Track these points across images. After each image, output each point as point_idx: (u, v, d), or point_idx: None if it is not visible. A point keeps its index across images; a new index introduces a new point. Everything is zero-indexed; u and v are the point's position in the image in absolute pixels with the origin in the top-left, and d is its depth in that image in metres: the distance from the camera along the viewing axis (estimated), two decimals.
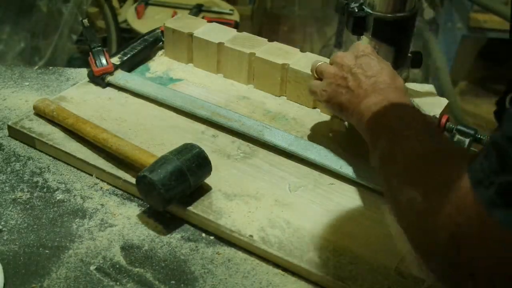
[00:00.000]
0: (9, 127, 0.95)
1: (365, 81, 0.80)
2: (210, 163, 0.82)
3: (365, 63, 0.82)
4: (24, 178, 0.87)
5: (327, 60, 0.90)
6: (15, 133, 0.95)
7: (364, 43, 0.89)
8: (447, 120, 0.91)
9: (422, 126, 0.70)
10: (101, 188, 0.86)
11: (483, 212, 0.49)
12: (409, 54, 0.94)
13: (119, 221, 0.81)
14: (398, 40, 0.91)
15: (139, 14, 2.57)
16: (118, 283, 0.72)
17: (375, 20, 0.89)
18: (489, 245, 0.51)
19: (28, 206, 0.83)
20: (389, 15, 0.88)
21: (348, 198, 0.83)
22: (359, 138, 0.79)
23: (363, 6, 0.89)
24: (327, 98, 0.85)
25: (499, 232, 0.49)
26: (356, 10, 0.89)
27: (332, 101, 0.84)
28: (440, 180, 0.57)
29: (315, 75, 0.90)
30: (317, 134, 0.96)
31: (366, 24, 0.89)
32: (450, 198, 0.54)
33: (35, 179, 0.87)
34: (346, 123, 0.95)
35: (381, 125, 0.74)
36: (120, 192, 0.86)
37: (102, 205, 0.83)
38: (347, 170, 0.86)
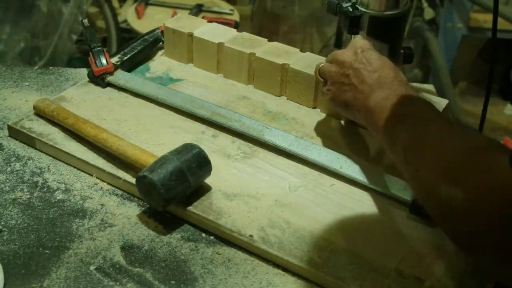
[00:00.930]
0: (9, 127, 0.95)
1: (368, 76, 0.79)
2: (210, 163, 0.82)
3: (366, 59, 0.81)
4: (24, 178, 0.87)
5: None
6: (15, 133, 0.95)
7: (360, 39, 0.89)
8: None
9: (441, 118, 0.70)
10: (101, 188, 0.86)
11: None
12: (401, 50, 0.95)
13: (119, 221, 0.81)
14: (391, 37, 0.92)
15: (139, 14, 2.57)
16: (118, 283, 0.72)
17: (370, 19, 0.90)
18: None
19: (28, 206, 0.83)
20: (384, 13, 0.89)
21: (348, 198, 0.83)
22: (356, 136, 0.79)
23: (357, 6, 0.90)
24: (331, 96, 0.85)
25: None
26: (351, 10, 0.90)
27: (337, 99, 0.84)
28: (481, 178, 0.56)
29: (320, 78, 0.90)
30: (317, 134, 0.95)
31: (361, 23, 0.90)
32: (494, 195, 0.53)
33: (35, 179, 0.87)
34: (342, 121, 0.95)
35: (397, 118, 0.72)
36: (120, 192, 0.86)
37: (102, 205, 0.83)
38: (347, 170, 0.86)
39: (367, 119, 0.78)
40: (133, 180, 0.82)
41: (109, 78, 1.05)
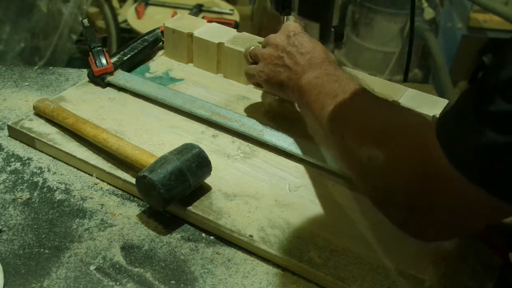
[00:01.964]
0: (9, 127, 0.95)
1: (301, 58, 0.84)
2: (210, 163, 0.82)
3: (298, 42, 0.86)
4: (24, 178, 0.87)
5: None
6: (15, 133, 0.95)
7: (291, 23, 0.94)
8: None
9: (367, 92, 0.74)
10: (101, 188, 0.86)
11: (448, 166, 0.51)
12: (332, 29, 1.00)
13: (119, 221, 0.81)
14: (322, 16, 0.96)
15: (139, 14, 2.57)
16: (118, 283, 0.72)
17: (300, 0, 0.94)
18: (451, 197, 0.54)
19: (28, 206, 0.83)
20: None
21: (348, 198, 0.83)
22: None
23: None
24: (266, 78, 0.89)
25: (461, 185, 0.51)
26: None
27: (272, 80, 0.88)
28: (403, 139, 0.60)
29: (250, 59, 0.94)
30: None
31: (292, 3, 0.95)
32: (413, 155, 0.57)
33: (35, 179, 0.87)
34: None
35: (326, 93, 0.77)
36: (120, 192, 0.86)
37: (102, 205, 0.83)
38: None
39: (300, 98, 0.83)
40: (133, 180, 0.82)
41: (109, 78, 1.05)
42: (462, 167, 0.51)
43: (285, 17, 0.98)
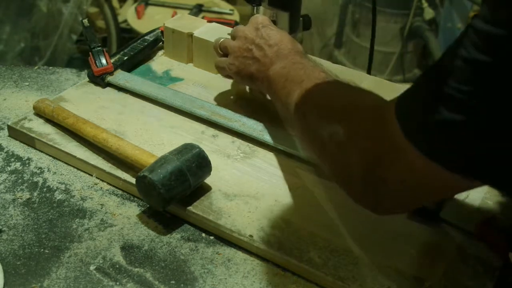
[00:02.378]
0: (9, 127, 0.95)
1: (269, 50, 0.86)
2: (210, 163, 0.82)
3: (266, 34, 0.88)
4: (24, 178, 0.87)
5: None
6: (15, 133, 0.95)
7: (261, 14, 0.97)
8: None
9: (331, 78, 0.77)
10: (101, 188, 0.86)
11: (403, 140, 0.53)
12: (300, 18, 1.03)
13: (119, 221, 0.81)
14: (291, 6, 1.00)
15: (139, 14, 2.57)
16: (118, 283, 0.72)
17: None
18: (405, 170, 0.56)
19: (28, 206, 0.83)
20: None
21: (348, 198, 0.83)
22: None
23: None
24: (236, 70, 0.91)
25: (414, 158, 0.53)
26: None
27: (242, 73, 0.90)
28: (364, 116, 0.62)
29: (220, 51, 0.95)
30: None
31: None
32: (371, 128, 0.59)
33: (35, 179, 0.87)
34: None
35: (292, 80, 0.79)
36: (120, 192, 0.86)
37: (102, 205, 0.83)
38: None
39: (269, 88, 0.85)
40: (133, 180, 0.82)
41: (109, 78, 1.05)
42: (416, 141, 0.52)
43: (255, 8, 1.02)
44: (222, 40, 0.95)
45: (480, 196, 0.84)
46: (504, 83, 0.44)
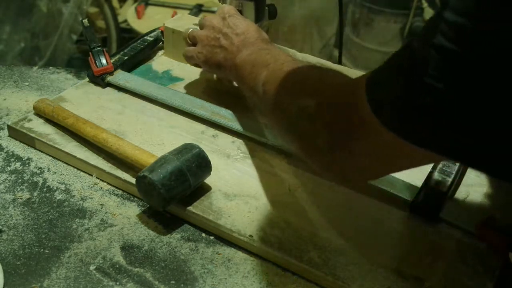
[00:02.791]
0: (9, 127, 0.95)
1: (235, 38, 0.89)
2: (210, 163, 0.82)
3: (232, 23, 0.91)
4: (24, 178, 0.87)
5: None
6: (15, 133, 0.95)
7: (228, 4, 1.00)
8: None
9: (298, 60, 0.78)
10: (101, 188, 0.86)
11: (371, 114, 0.55)
12: (266, 7, 1.06)
13: (119, 221, 0.81)
14: None
15: (139, 14, 2.57)
16: (118, 283, 0.72)
17: None
18: (371, 143, 0.58)
19: (28, 206, 0.83)
20: None
21: (348, 198, 0.83)
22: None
23: None
24: (204, 59, 0.93)
25: (380, 131, 0.54)
26: None
27: (210, 61, 0.92)
28: (334, 87, 0.65)
29: (189, 41, 0.98)
30: None
31: None
32: (341, 101, 0.61)
33: (35, 179, 0.87)
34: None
35: (258, 65, 0.81)
36: (120, 192, 0.86)
37: (102, 205, 0.83)
38: None
39: (236, 76, 0.87)
40: (133, 180, 0.82)
41: (109, 78, 1.05)
42: (384, 118, 0.54)
43: None
44: (190, 29, 0.98)
45: (480, 196, 0.84)
46: (469, 72, 0.46)
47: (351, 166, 0.63)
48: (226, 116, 0.96)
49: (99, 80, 1.05)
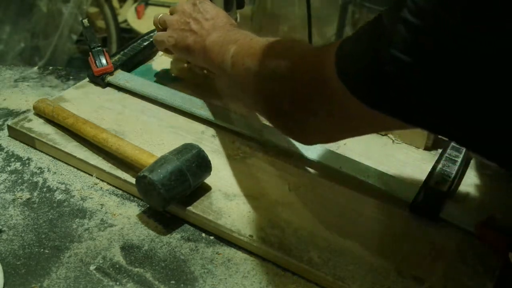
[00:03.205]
0: (9, 127, 0.95)
1: (205, 23, 0.91)
2: (210, 163, 0.82)
3: (203, 9, 0.94)
4: (24, 178, 0.87)
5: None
6: (15, 133, 0.95)
7: None
8: None
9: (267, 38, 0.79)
10: (101, 188, 0.86)
11: (336, 79, 0.57)
12: None
13: (119, 221, 0.81)
14: None
15: (139, 14, 2.57)
16: (118, 283, 0.72)
17: None
18: (334, 105, 0.61)
19: (28, 206, 0.83)
20: None
21: (348, 198, 0.83)
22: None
23: None
24: (174, 42, 0.95)
25: (344, 95, 0.56)
26: None
27: (179, 44, 0.94)
28: (301, 55, 0.68)
29: (159, 26, 1.00)
30: None
31: None
32: (310, 64, 0.64)
33: (35, 179, 0.87)
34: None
35: (227, 42, 0.82)
36: (120, 192, 0.86)
37: (102, 205, 0.83)
38: (347, 169, 0.86)
39: (206, 58, 0.88)
40: (133, 180, 0.82)
41: (109, 78, 1.05)
42: (350, 85, 0.56)
43: None
44: (161, 15, 1.00)
45: (480, 196, 0.84)
46: (432, 46, 0.48)
47: (313, 127, 0.67)
48: (226, 116, 0.96)
49: (99, 80, 1.05)
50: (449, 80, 0.48)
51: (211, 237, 0.79)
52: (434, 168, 0.86)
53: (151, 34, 1.16)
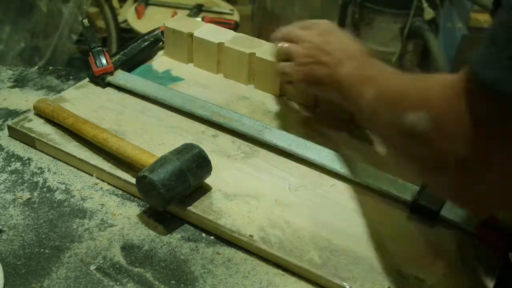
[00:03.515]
0: (9, 127, 0.95)
1: (336, 53, 0.84)
2: (210, 163, 0.82)
3: (332, 37, 0.87)
4: (24, 178, 0.87)
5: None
6: (15, 133, 0.95)
7: (325, 20, 0.93)
8: None
9: (400, 71, 0.73)
10: (101, 188, 0.86)
11: (496, 96, 0.49)
12: None
13: (119, 221, 0.81)
14: None
15: (139, 14, 2.57)
16: (118, 283, 0.72)
17: None
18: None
19: (28, 206, 0.83)
20: None
21: (348, 198, 0.83)
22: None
23: None
24: (303, 76, 0.88)
25: None
26: None
27: (310, 78, 0.87)
28: (441, 95, 0.57)
29: (280, 57, 0.93)
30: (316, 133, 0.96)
31: None
32: (453, 108, 0.54)
33: (35, 179, 0.87)
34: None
35: (362, 82, 0.75)
36: (120, 192, 0.86)
37: (102, 205, 0.83)
38: (347, 170, 0.86)
39: (340, 91, 0.81)
40: (133, 180, 0.82)
41: (109, 78, 1.05)
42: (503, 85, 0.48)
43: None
44: (283, 46, 0.92)
45: None
46: None
47: (492, 184, 0.53)
48: (226, 116, 0.96)
49: (99, 80, 1.05)
50: None
51: (211, 237, 0.79)
52: None
53: (151, 34, 1.16)
